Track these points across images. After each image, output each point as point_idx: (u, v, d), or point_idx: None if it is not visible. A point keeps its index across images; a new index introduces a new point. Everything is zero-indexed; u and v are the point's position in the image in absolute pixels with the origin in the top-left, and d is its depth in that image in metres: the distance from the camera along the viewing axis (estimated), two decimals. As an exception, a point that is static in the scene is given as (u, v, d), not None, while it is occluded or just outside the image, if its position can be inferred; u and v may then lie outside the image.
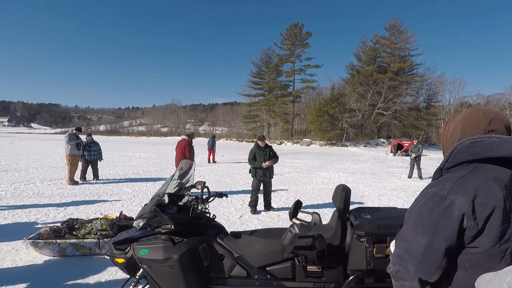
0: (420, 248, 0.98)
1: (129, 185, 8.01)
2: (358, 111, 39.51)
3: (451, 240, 0.93)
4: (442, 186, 0.99)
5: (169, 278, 2.04)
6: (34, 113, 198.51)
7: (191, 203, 2.38)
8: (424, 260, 0.97)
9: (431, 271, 0.97)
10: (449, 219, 0.93)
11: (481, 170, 0.98)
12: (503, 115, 1.06)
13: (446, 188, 0.97)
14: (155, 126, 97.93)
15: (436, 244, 0.95)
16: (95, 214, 5.15)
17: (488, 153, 0.95)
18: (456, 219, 0.92)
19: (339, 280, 2.07)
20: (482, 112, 1.07)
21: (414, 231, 1.01)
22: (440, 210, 0.96)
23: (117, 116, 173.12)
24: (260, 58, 51.00)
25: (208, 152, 14.79)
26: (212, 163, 14.35)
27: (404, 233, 1.06)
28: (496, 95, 43.98)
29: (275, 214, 5.57)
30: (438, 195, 0.98)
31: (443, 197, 0.96)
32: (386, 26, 41.28)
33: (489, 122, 1.04)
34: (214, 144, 14.82)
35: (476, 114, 1.08)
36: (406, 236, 1.04)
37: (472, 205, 0.91)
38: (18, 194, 6.53)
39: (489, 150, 0.95)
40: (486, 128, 1.03)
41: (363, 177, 10.82)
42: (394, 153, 24.85)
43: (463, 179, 0.97)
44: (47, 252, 3.43)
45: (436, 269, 0.96)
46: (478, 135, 1.03)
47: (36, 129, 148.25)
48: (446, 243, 0.94)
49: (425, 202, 1.01)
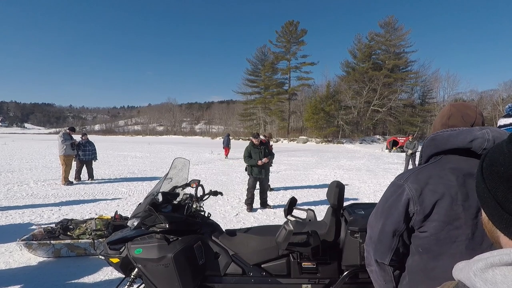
0: (376, 233, 1.08)
1: (125, 185, 7.96)
2: (353, 108, 39.70)
3: (398, 223, 1.02)
4: (402, 176, 1.07)
5: (164, 277, 2.03)
6: (28, 113, 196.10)
7: (185, 201, 2.38)
8: (378, 243, 1.08)
9: (384, 253, 1.06)
10: (398, 204, 1.02)
11: (442, 161, 1.04)
12: (471, 111, 1.09)
13: (404, 177, 1.06)
14: (151, 125, 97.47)
15: (386, 228, 1.04)
16: (90, 214, 5.11)
17: (446, 145, 1.03)
18: (403, 203, 1.00)
19: (333, 275, 2.08)
20: (448, 109, 1.14)
21: (375, 217, 1.12)
22: (394, 197, 1.05)
23: (112, 116, 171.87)
24: (256, 56, 51.03)
25: (224, 149, 16.31)
26: (226, 158, 15.73)
27: (369, 220, 1.16)
28: (490, 91, 44.51)
29: (271, 212, 5.58)
30: (396, 184, 1.07)
31: (399, 185, 1.05)
32: (381, 23, 41.51)
33: (448, 118, 1.11)
34: (229, 142, 16.50)
35: (443, 111, 1.17)
36: (370, 223, 1.15)
37: (420, 191, 0.98)
38: (11, 195, 6.45)
39: (447, 142, 1.02)
40: (446, 123, 1.11)
41: (358, 173, 10.88)
42: (390, 149, 25.02)
43: (421, 169, 1.05)
44: (41, 253, 3.40)
45: (387, 251, 1.06)
46: (440, 129, 1.10)
47: (29, 129, 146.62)
48: (394, 226, 1.03)
49: (386, 191, 1.11)
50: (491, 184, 0.47)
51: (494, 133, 0.96)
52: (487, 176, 0.48)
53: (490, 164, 0.48)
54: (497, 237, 0.49)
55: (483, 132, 0.97)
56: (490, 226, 0.49)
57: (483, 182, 0.49)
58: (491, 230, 0.50)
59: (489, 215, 0.49)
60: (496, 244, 0.50)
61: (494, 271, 0.40)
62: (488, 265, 0.41)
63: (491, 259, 0.41)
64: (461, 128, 1.03)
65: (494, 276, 0.39)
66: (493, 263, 0.40)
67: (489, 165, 0.48)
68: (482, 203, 0.51)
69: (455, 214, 0.93)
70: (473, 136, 0.97)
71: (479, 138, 0.96)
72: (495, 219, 0.47)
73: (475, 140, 0.97)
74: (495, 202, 0.46)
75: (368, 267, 1.17)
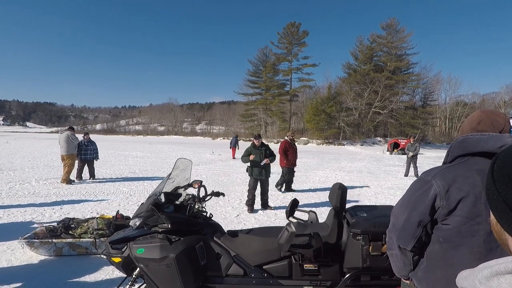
0: (401, 222, 1.20)
1: (126, 184, 7.97)
2: (355, 110, 39.65)
3: (423, 215, 1.12)
4: (429, 173, 1.17)
5: (166, 277, 2.04)
6: (30, 112, 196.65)
7: (187, 202, 2.38)
8: (402, 231, 1.19)
9: (407, 240, 1.19)
10: (425, 198, 1.12)
11: (469, 162, 1.13)
12: (501, 118, 1.16)
13: (431, 174, 1.15)
14: (152, 125, 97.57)
15: (412, 218, 1.15)
16: (92, 214, 5.13)
17: (476, 147, 1.11)
18: (431, 198, 1.10)
19: (335, 278, 2.08)
20: (478, 114, 1.21)
21: (400, 208, 1.23)
22: (421, 191, 1.15)
23: (114, 115, 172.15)
24: (257, 57, 51.01)
25: (232, 149, 16.79)
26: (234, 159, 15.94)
27: (394, 210, 1.28)
28: (492, 94, 44.48)
29: (272, 213, 5.58)
30: (423, 179, 1.17)
31: (426, 181, 1.15)
32: (383, 25, 41.45)
33: (478, 123, 1.18)
34: (237, 143, 17.08)
35: (473, 116, 1.24)
36: (394, 212, 1.26)
37: (447, 188, 1.08)
38: (13, 194, 6.47)
39: (477, 145, 1.11)
40: (476, 128, 1.18)
41: (359, 175, 10.87)
42: (391, 151, 24.98)
43: (448, 168, 1.14)
44: (43, 252, 3.41)
45: (410, 239, 1.18)
46: (470, 133, 1.17)
47: (31, 128, 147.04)
48: (419, 217, 1.13)
49: (413, 184, 1.22)
50: (501, 186, 0.47)
51: None
52: (498, 179, 0.48)
53: (501, 167, 0.48)
54: (505, 239, 0.49)
55: (505, 139, 1.06)
56: (499, 228, 0.49)
57: (493, 184, 0.49)
58: (499, 232, 0.50)
59: (497, 217, 0.49)
60: (504, 247, 0.50)
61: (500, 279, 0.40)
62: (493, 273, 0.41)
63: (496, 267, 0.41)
64: (491, 133, 1.10)
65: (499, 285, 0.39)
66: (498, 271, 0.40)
67: (500, 168, 0.48)
68: (491, 205, 0.50)
69: (478, 211, 1.02)
70: (503, 142, 1.06)
71: (508, 145, 1.02)
72: (503, 221, 0.47)
73: (505, 146, 1.03)
74: (504, 204, 0.46)
75: (388, 251, 1.32)
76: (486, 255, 1.03)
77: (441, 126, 45.75)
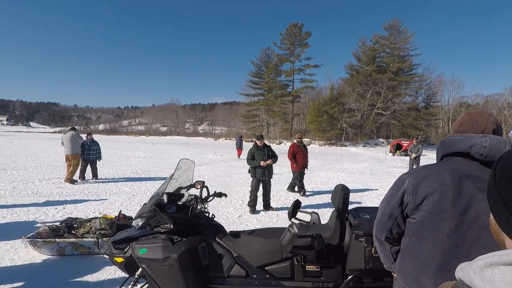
0: (379, 215, 1.31)
1: (128, 185, 8.00)
2: (357, 111, 39.55)
3: (393, 209, 1.22)
4: (408, 172, 1.25)
5: (168, 277, 2.04)
6: (33, 112, 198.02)
7: (190, 202, 2.39)
8: (378, 223, 1.32)
9: (381, 231, 1.30)
10: (396, 193, 1.22)
11: (447, 162, 1.19)
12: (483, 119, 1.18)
13: (409, 173, 1.23)
14: (155, 125, 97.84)
15: (385, 212, 1.26)
16: (94, 213, 5.15)
17: (451, 148, 1.18)
18: (400, 193, 1.20)
19: (337, 279, 2.07)
20: (462, 116, 1.27)
21: (381, 203, 1.34)
22: (396, 188, 1.24)
23: (116, 115, 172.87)
24: (260, 58, 51.05)
25: (237, 150, 17.40)
26: (239, 158, 16.39)
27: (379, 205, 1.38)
28: (495, 95, 44.15)
29: (274, 214, 5.57)
30: (401, 178, 1.25)
31: (403, 179, 1.23)
32: (386, 26, 41.35)
33: (460, 124, 1.24)
34: (242, 143, 17.66)
35: (458, 118, 1.29)
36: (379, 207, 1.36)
37: (417, 185, 1.15)
38: (17, 193, 6.52)
39: (452, 145, 1.18)
40: (457, 129, 1.24)
41: (362, 177, 10.83)
42: (393, 153, 24.90)
43: (426, 167, 1.21)
44: (46, 251, 3.42)
45: (383, 230, 1.29)
46: (452, 134, 1.24)
47: (35, 128, 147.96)
48: (390, 210, 1.23)
49: (393, 183, 1.30)
50: (502, 187, 0.47)
51: (493, 141, 1.07)
52: (499, 179, 0.48)
53: (503, 168, 0.48)
54: (502, 239, 0.49)
55: (482, 139, 1.09)
56: (497, 228, 0.50)
57: (494, 184, 0.49)
58: (497, 232, 0.51)
59: (496, 218, 0.50)
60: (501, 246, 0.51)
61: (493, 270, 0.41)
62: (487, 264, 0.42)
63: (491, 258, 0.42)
64: (467, 134, 1.15)
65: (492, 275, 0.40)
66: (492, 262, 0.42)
67: (502, 168, 0.48)
68: (490, 205, 0.51)
69: (442, 208, 1.08)
70: (472, 143, 1.11)
71: (477, 145, 1.09)
72: (501, 221, 0.48)
73: (474, 146, 1.10)
74: (503, 205, 0.47)
75: (374, 242, 1.42)
76: (450, 251, 1.06)
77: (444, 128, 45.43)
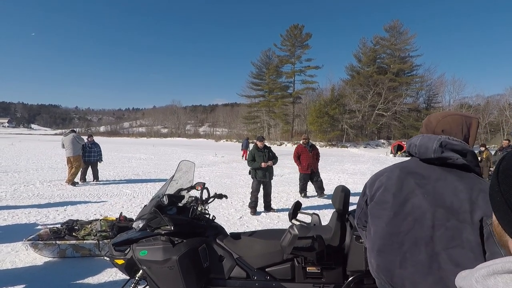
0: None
1: (129, 186, 8.00)
2: (358, 112, 39.54)
3: (360, 200, 1.39)
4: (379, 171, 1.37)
5: (168, 279, 2.04)
6: (34, 114, 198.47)
7: (190, 204, 2.39)
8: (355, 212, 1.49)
9: (355, 218, 1.48)
10: (364, 188, 1.38)
11: (406, 161, 1.31)
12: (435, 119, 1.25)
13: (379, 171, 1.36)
14: (155, 127, 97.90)
15: (358, 202, 1.43)
16: (95, 215, 5.15)
17: (407, 148, 1.30)
18: (364, 187, 1.37)
19: (338, 281, 2.07)
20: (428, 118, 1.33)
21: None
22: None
23: (117, 117, 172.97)
24: (260, 59, 51.18)
25: (243, 151, 17.81)
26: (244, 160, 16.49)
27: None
28: (496, 96, 44.00)
29: (275, 215, 5.56)
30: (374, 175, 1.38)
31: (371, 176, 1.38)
32: (386, 27, 41.43)
33: (422, 126, 1.32)
34: (248, 145, 17.74)
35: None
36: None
37: (374, 180, 1.31)
38: (18, 195, 6.53)
39: (407, 146, 1.29)
40: (421, 131, 1.32)
41: (363, 178, 10.81)
42: (394, 154, 24.83)
43: (390, 166, 1.33)
44: (47, 254, 3.43)
45: (356, 217, 1.46)
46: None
47: (36, 130, 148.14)
48: (359, 201, 1.40)
49: None
50: (505, 188, 0.46)
51: (422, 140, 1.18)
52: (502, 180, 0.47)
53: (506, 168, 0.47)
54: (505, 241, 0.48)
55: (415, 139, 1.22)
56: (500, 229, 0.49)
57: (497, 185, 0.48)
58: (500, 234, 0.50)
59: (499, 219, 0.49)
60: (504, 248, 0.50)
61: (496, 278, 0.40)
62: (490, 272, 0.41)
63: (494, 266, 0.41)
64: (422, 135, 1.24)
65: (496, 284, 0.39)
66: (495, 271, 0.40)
67: (505, 169, 0.48)
68: (493, 206, 0.50)
69: (384, 199, 1.21)
70: (409, 142, 1.25)
71: (412, 144, 1.23)
72: (504, 223, 0.47)
73: (410, 146, 1.24)
74: (506, 206, 0.46)
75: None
76: (387, 237, 1.17)
77: (445, 128, 45.26)
